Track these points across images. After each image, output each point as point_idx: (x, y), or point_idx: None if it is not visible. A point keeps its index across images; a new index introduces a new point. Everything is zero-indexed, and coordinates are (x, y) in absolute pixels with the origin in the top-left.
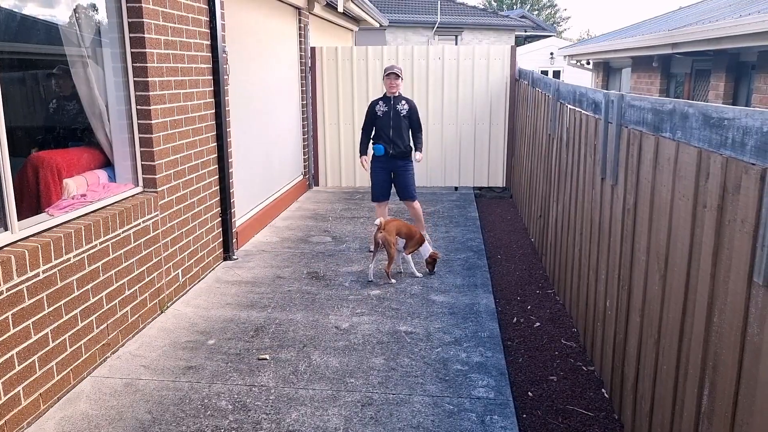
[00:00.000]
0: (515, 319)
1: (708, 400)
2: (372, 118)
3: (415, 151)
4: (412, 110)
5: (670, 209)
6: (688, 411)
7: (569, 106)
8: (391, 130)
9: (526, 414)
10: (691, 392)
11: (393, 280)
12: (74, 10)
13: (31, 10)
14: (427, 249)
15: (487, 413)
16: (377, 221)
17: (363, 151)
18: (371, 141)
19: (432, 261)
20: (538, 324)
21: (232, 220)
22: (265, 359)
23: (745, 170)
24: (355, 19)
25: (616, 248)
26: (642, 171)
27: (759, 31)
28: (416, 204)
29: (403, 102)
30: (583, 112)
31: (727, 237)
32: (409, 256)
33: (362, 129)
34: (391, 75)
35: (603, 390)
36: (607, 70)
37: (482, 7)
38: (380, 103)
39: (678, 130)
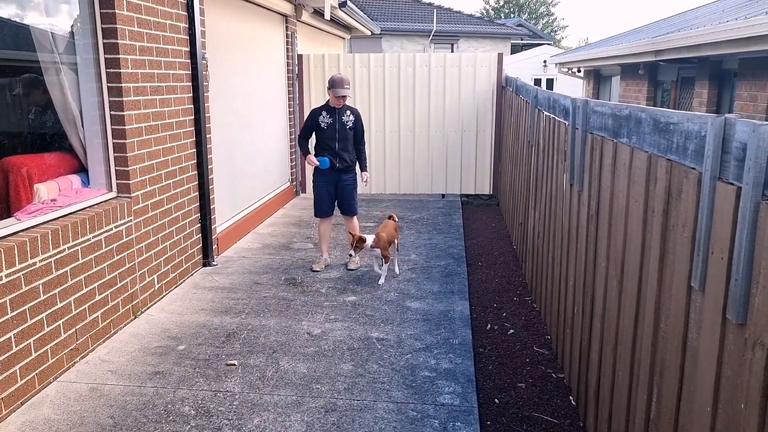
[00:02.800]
0: (489, 326)
1: (656, 406)
2: (314, 129)
3: (362, 171)
4: (358, 120)
5: (626, 214)
6: (640, 417)
7: (545, 112)
8: (338, 143)
9: (491, 421)
10: (641, 398)
11: (397, 270)
12: (47, 15)
13: (2, 14)
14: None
15: (450, 420)
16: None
17: (307, 151)
18: (313, 153)
19: (358, 242)
20: (512, 331)
21: (213, 227)
22: (234, 365)
23: (686, 175)
24: (346, 27)
25: (581, 254)
26: (603, 176)
27: (737, 38)
28: (355, 219)
29: (348, 112)
30: (555, 118)
31: (671, 242)
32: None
33: (300, 137)
34: (341, 98)
35: (571, 397)
36: (597, 78)
37: (479, 15)
38: (323, 113)
39: (633, 135)
